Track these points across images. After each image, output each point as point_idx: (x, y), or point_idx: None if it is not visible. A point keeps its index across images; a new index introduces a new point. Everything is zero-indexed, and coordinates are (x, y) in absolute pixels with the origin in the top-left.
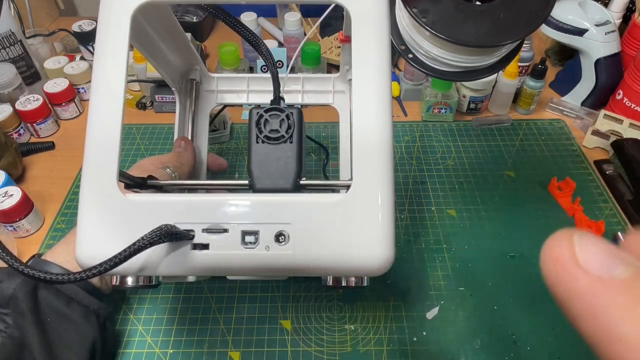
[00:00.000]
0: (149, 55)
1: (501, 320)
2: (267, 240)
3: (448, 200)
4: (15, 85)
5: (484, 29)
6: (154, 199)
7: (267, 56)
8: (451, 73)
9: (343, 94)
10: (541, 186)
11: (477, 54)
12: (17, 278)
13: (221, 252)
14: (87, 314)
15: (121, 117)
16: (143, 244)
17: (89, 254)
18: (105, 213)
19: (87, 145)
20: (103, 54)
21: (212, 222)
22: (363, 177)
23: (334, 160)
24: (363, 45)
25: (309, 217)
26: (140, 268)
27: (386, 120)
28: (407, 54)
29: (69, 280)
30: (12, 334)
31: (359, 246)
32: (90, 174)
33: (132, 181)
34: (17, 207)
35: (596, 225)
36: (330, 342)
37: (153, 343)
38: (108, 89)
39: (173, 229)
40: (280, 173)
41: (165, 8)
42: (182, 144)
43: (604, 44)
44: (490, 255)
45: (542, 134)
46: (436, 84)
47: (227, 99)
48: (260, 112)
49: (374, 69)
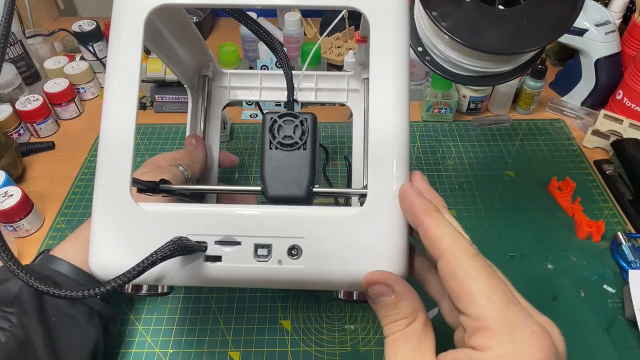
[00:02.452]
0: (162, 55)
1: None
2: (279, 254)
3: (448, 200)
4: (15, 85)
5: (506, 35)
6: (166, 209)
7: (282, 57)
8: (469, 77)
9: (357, 93)
10: (541, 186)
11: (497, 60)
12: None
13: (233, 265)
14: (91, 314)
15: (134, 124)
16: (158, 258)
17: (102, 264)
18: (118, 223)
19: (100, 151)
20: (117, 58)
21: (225, 234)
22: (378, 187)
23: (334, 161)
24: (381, 50)
25: (323, 232)
26: (153, 279)
27: (403, 126)
28: (424, 56)
29: (82, 296)
30: (17, 333)
31: (373, 261)
32: (104, 182)
33: (144, 186)
34: (17, 207)
35: (596, 225)
36: (330, 342)
37: (153, 343)
38: (121, 94)
39: (186, 241)
40: (294, 180)
41: (180, 9)
42: (193, 142)
43: (604, 44)
44: (490, 255)
45: (542, 134)
46: (436, 84)
47: (240, 96)
48: (274, 118)
49: (391, 73)
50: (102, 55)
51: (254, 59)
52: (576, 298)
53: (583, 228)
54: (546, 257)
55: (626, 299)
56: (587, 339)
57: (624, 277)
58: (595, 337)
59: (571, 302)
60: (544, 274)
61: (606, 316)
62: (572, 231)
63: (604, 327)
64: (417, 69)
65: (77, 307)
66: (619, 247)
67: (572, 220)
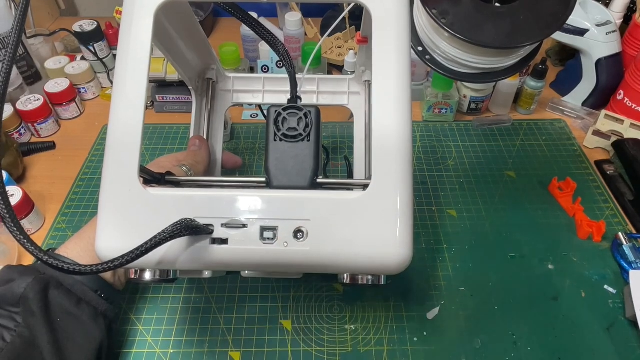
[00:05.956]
0: (169, 54)
1: (502, 321)
2: (285, 236)
3: (449, 200)
4: (16, 85)
5: (504, 30)
6: (174, 194)
7: (284, 56)
8: (469, 75)
9: (358, 95)
10: (542, 186)
11: (496, 55)
12: (28, 277)
13: (240, 247)
14: (96, 315)
15: (143, 114)
16: (164, 237)
17: (109, 246)
18: (126, 206)
19: (109, 140)
20: (126, 51)
21: (231, 217)
22: (382, 175)
23: (334, 161)
24: (384, 46)
25: (328, 214)
26: (159, 261)
27: (407, 121)
28: (424, 55)
29: (90, 272)
30: (22, 333)
31: (378, 244)
32: (112, 167)
33: (151, 177)
34: (18, 207)
35: (597, 226)
36: (331, 342)
37: (153, 343)
38: (131, 86)
39: (193, 222)
40: (297, 171)
41: (186, 6)
42: (197, 143)
43: (604, 44)
44: (490, 255)
45: (542, 134)
46: (437, 84)
47: (243, 99)
48: (279, 110)
49: (394, 70)
50: (103, 55)
51: (255, 59)
52: (577, 298)
53: (584, 228)
54: (547, 258)
55: (627, 300)
56: (587, 340)
57: (625, 277)
58: (595, 338)
59: (572, 303)
60: (545, 275)
61: (607, 317)
62: (573, 231)
63: (605, 328)
64: (418, 69)
65: (82, 307)
66: (620, 248)
67: (572, 221)
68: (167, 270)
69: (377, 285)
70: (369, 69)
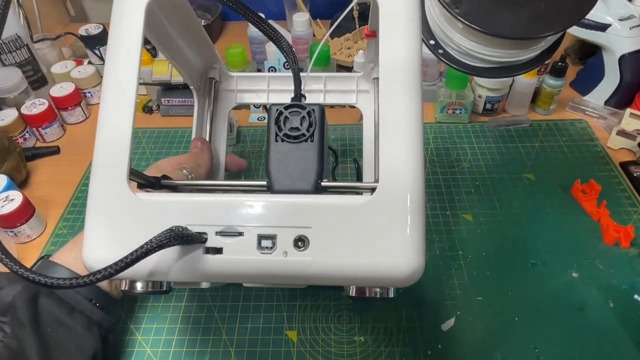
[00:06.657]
0: (167, 52)
1: (522, 333)
2: (285, 245)
3: (464, 204)
4: (21, 89)
5: (523, 19)
6: (165, 199)
7: (288, 52)
8: (485, 69)
9: (367, 94)
10: (563, 189)
11: (514, 47)
12: (17, 285)
13: (235, 257)
14: (90, 324)
15: (133, 113)
16: (151, 247)
17: (96, 256)
18: (114, 213)
19: (97, 141)
20: (116, 45)
21: (226, 224)
22: (391, 177)
23: (343, 164)
24: (392, 39)
25: (331, 221)
26: (150, 273)
27: (417, 120)
28: (437, 49)
29: (71, 286)
30: (10, 344)
31: (386, 253)
32: (100, 170)
33: (144, 180)
34: (18, 211)
35: (624, 231)
36: (339, 354)
37: (152, 354)
38: (120, 82)
39: (184, 231)
40: (300, 174)
41: (182, 1)
42: (198, 145)
43: (628, 39)
44: (509, 262)
45: (563, 135)
46: (450, 83)
47: (247, 99)
48: (280, 109)
49: (403, 65)
50: None
51: (262, 61)
52: (604, 309)
53: (610, 233)
54: (570, 265)
55: None
56: (616, 354)
57: None
58: (625, 352)
59: (599, 314)
60: (569, 283)
61: (638, 329)
62: (598, 237)
63: (636, 341)
64: (430, 68)
65: (75, 316)
66: None
67: (597, 226)
68: (160, 281)
69: (386, 299)
70: (378, 65)
